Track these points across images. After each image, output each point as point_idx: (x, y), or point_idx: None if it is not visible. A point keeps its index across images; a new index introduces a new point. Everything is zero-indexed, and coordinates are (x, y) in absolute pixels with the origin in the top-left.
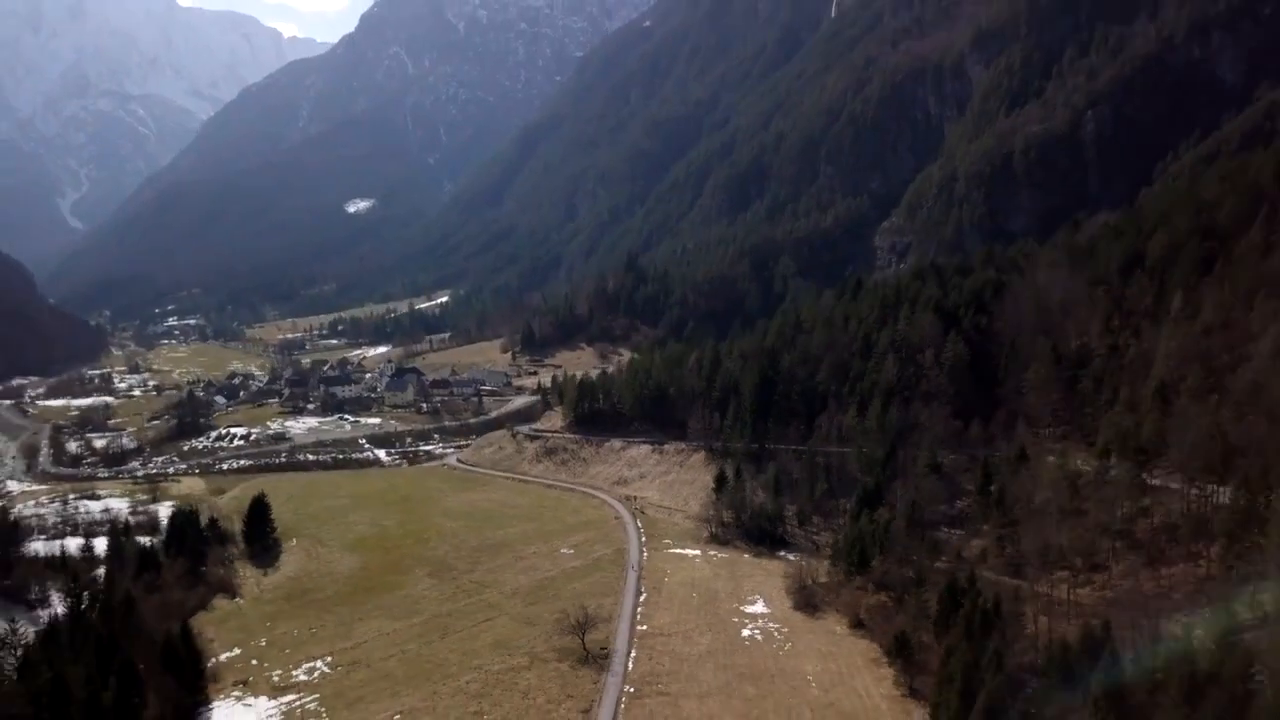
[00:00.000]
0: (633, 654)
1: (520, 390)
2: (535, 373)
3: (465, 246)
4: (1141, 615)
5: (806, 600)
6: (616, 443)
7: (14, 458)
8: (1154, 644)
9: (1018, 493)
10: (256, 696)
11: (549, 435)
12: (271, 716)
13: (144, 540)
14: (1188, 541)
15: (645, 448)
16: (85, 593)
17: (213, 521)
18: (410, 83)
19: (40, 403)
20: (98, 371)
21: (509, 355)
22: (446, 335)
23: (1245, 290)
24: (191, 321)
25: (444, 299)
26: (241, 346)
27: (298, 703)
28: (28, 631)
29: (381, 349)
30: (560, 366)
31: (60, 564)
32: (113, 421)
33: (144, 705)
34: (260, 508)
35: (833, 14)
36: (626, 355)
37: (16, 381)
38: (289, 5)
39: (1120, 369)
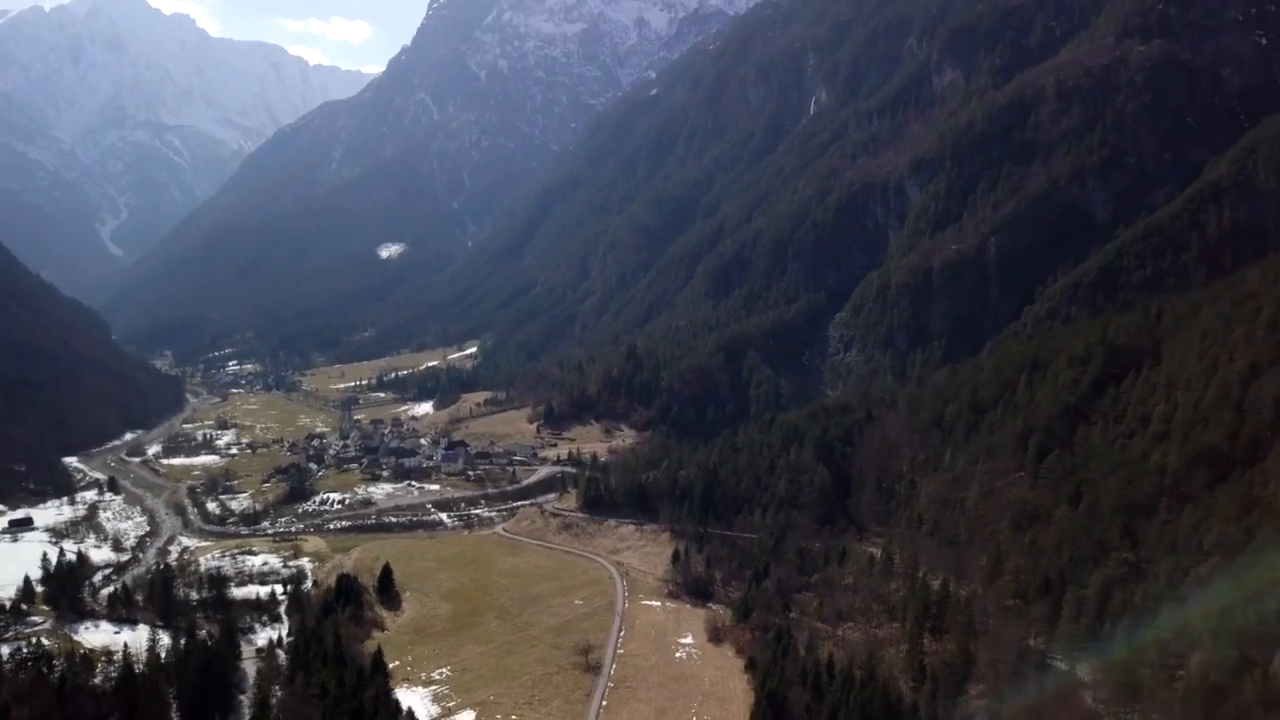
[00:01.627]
0: (613, 666)
1: (544, 461)
2: (555, 444)
3: (490, 299)
4: (876, 649)
5: (716, 636)
6: (612, 522)
7: (167, 514)
8: (870, 659)
9: (835, 573)
10: (414, 687)
11: (566, 514)
12: (425, 698)
13: (306, 586)
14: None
15: (631, 527)
16: (283, 626)
17: (356, 579)
18: (435, 129)
19: (164, 461)
20: (192, 425)
21: (534, 427)
22: (482, 400)
23: (985, 450)
24: (249, 366)
25: (473, 349)
26: (302, 398)
27: (438, 689)
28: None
29: (425, 405)
30: (575, 440)
31: (256, 605)
32: (233, 483)
33: (364, 690)
34: (387, 570)
35: (811, 111)
36: (627, 431)
37: (128, 436)
38: (313, 33)
39: (910, 498)
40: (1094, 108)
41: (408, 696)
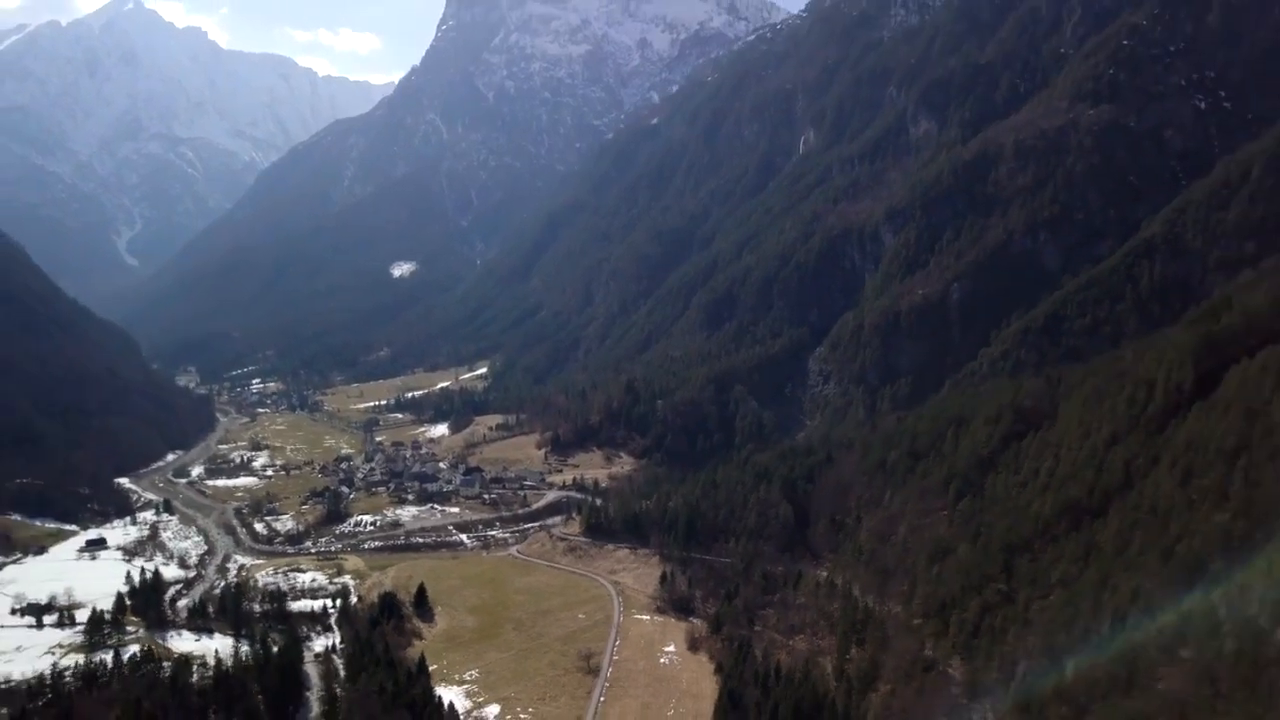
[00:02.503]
0: (610, 669)
1: (551, 486)
2: (561, 470)
3: (499, 320)
4: (815, 656)
5: (694, 645)
6: (610, 546)
7: (219, 534)
8: (807, 664)
9: (791, 594)
10: (450, 686)
11: (571, 538)
12: (459, 694)
13: (352, 601)
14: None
15: (626, 551)
16: (335, 635)
17: (396, 596)
18: (445, 148)
19: (208, 482)
20: (227, 446)
21: (542, 453)
22: (494, 424)
23: (917, 492)
24: (272, 385)
25: (483, 369)
26: (325, 419)
27: (469, 688)
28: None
29: (441, 427)
30: (579, 466)
31: (310, 617)
32: (275, 505)
33: (412, 688)
34: (422, 589)
35: (800, 150)
36: (626, 458)
37: (170, 457)
38: (322, 44)
39: (855, 531)
40: (1047, 166)
41: (446, 693)
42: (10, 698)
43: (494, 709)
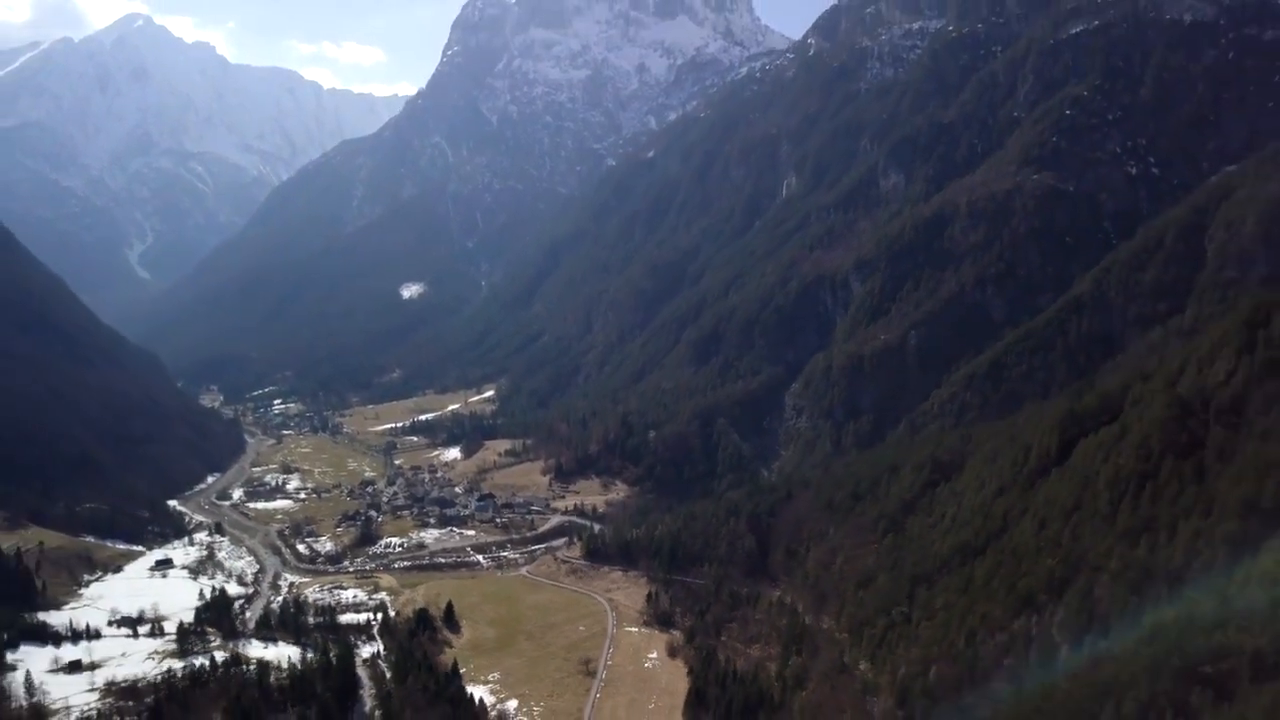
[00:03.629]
0: (604, 672)
1: (555, 511)
2: (564, 496)
3: (504, 345)
4: (764, 662)
5: (672, 652)
6: (606, 569)
7: (266, 554)
8: (755, 669)
9: (751, 612)
10: (477, 685)
11: (573, 561)
12: (485, 692)
13: (392, 615)
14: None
15: (619, 573)
16: (378, 644)
17: (428, 611)
18: (450, 171)
19: (249, 505)
20: (260, 469)
21: (547, 479)
22: (502, 450)
23: (855, 528)
24: (292, 406)
25: (490, 392)
26: (346, 441)
27: (492, 687)
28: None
29: (454, 451)
30: (579, 493)
31: (356, 628)
32: (313, 527)
33: (449, 687)
34: (449, 605)
35: (783, 193)
36: (621, 485)
37: (209, 480)
38: (326, 56)
39: (805, 560)
40: (995, 226)
41: (475, 690)
42: (136, 694)
43: (513, 703)
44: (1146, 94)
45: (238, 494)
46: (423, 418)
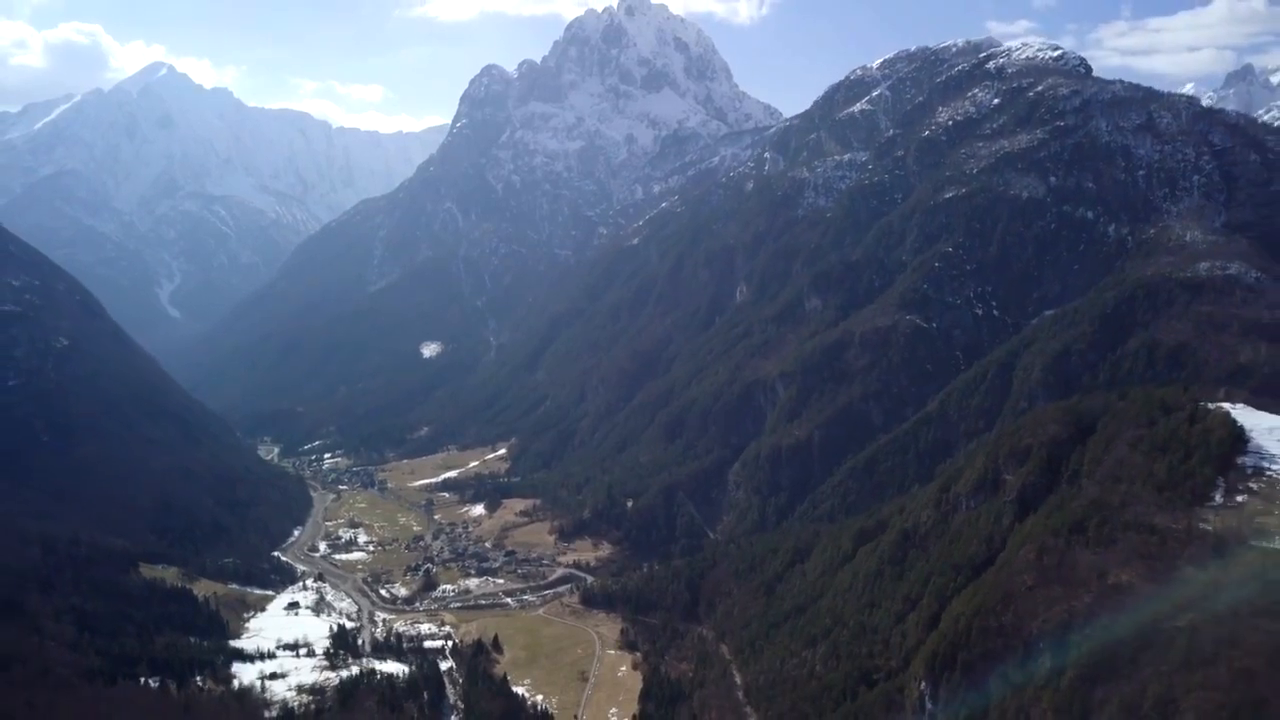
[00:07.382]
0: (594, 679)
1: (559, 564)
2: (565, 553)
3: (513, 407)
4: (686, 672)
5: (635, 666)
6: (595, 611)
7: (359, 596)
8: (679, 677)
9: (686, 643)
10: (518, 686)
11: (573, 605)
12: (522, 690)
13: (457, 642)
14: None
15: (604, 614)
16: (449, 662)
17: (482, 639)
18: (461, 235)
19: (334, 556)
20: (331, 523)
21: (553, 539)
22: (519, 509)
23: (761, 591)
24: (340, 460)
25: (504, 450)
26: (392, 497)
27: (526, 688)
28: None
29: (479, 508)
30: (577, 551)
31: (435, 651)
32: (387, 574)
33: (503, 689)
34: (496, 636)
35: (737, 299)
36: (607, 545)
37: (296, 533)
38: (332, 88)
39: (724, 610)
40: (876, 355)
41: (517, 689)
42: (318, 691)
43: (540, 697)
44: (994, 252)
45: (323, 546)
46: (451, 474)
